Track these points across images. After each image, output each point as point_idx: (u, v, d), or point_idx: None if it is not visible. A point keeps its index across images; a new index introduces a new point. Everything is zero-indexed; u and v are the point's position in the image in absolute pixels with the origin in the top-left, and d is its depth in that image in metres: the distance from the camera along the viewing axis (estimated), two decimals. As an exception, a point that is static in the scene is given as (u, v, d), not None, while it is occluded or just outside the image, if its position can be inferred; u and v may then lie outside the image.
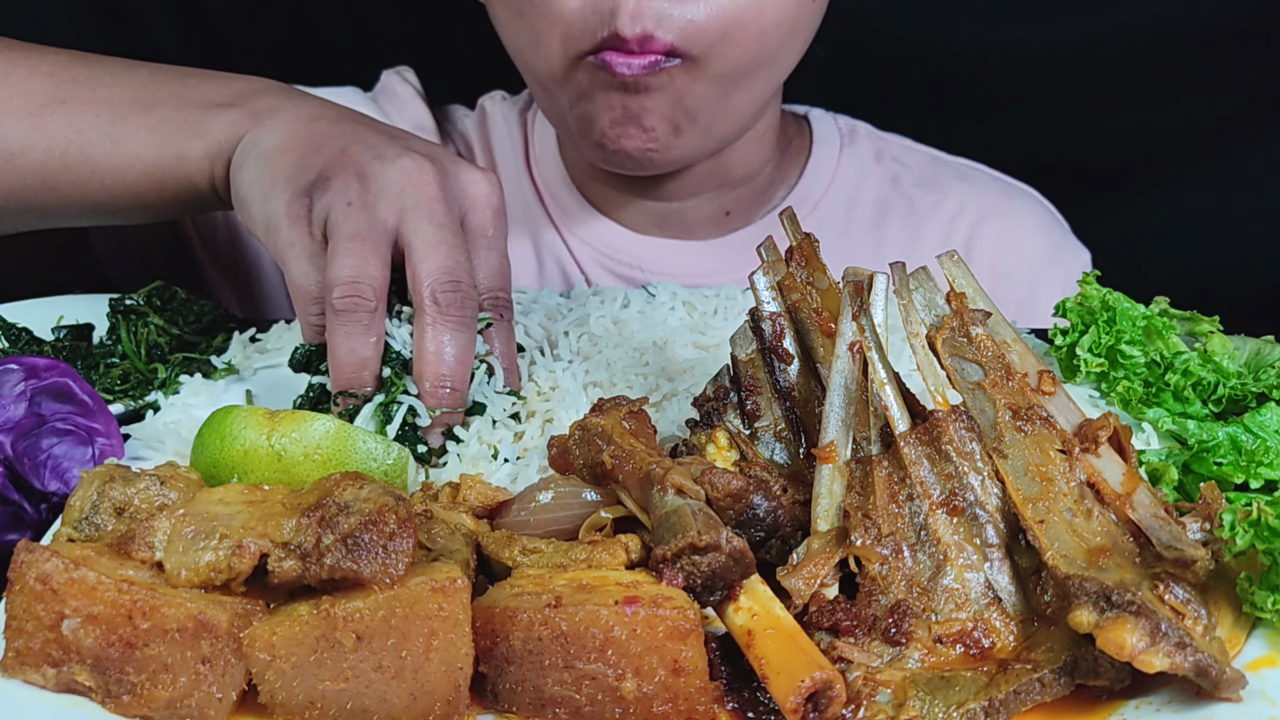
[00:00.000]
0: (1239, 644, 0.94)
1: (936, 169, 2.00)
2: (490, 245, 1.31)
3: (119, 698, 0.90)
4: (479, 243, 1.30)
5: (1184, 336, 1.39)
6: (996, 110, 2.36)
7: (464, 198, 1.29)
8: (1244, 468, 1.16)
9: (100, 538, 1.01)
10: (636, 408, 1.12)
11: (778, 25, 1.56)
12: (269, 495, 1.00)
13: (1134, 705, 0.91)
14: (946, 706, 0.90)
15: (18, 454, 1.18)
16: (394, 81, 1.96)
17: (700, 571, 0.93)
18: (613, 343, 1.40)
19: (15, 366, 1.23)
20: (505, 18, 1.63)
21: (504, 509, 1.11)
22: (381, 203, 1.23)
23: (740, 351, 1.18)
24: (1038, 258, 1.93)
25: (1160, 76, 2.31)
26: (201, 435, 1.16)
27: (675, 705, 0.89)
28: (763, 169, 1.88)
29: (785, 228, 1.19)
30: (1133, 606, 0.88)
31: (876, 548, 0.99)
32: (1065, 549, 0.95)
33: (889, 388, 1.04)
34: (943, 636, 0.95)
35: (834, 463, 1.04)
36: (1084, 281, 1.40)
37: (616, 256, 1.85)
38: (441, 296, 1.21)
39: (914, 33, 2.32)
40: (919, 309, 1.09)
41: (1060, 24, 2.30)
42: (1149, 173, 2.39)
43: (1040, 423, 1.02)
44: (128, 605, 0.89)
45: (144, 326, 1.49)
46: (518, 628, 0.90)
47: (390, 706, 0.89)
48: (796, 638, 0.91)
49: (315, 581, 0.90)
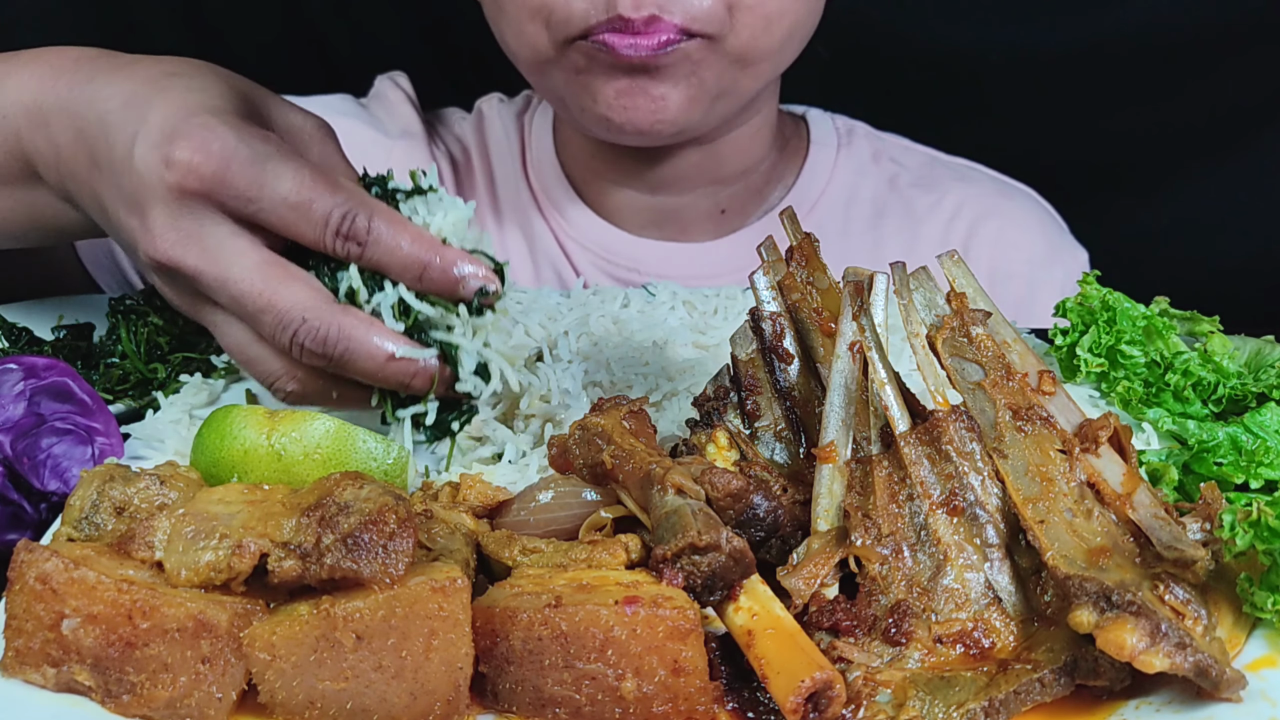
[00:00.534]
0: (1239, 644, 0.94)
1: (934, 169, 2.00)
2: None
3: (119, 697, 0.90)
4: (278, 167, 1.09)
5: (1184, 336, 1.39)
6: (996, 110, 2.36)
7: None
8: (1244, 468, 1.16)
9: (100, 537, 1.01)
10: (636, 408, 1.12)
11: (781, 12, 1.56)
12: (269, 495, 1.00)
13: (1134, 705, 0.91)
14: (946, 706, 0.90)
15: (17, 453, 1.18)
16: (386, 87, 1.96)
17: (700, 571, 0.93)
18: (613, 343, 1.40)
19: (15, 366, 1.23)
20: (490, 7, 1.64)
21: (504, 509, 1.11)
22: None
23: (740, 351, 1.18)
24: (1035, 258, 1.93)
25: (1160, 76, 2.31)
26: (201, 435, 1.16)
27: (675, 705, 0.89)
28: (758, 166, 1.87)
29: (785, 227, 1.20)
30: (1133, 607, 0.88)
31: (876, 548, 0.99)
32: (1065, 549, 0.95)
33: (889, 388, 1.04)
34: (943, 636, 0.95)
35: (834, 463, 1.04)
36: (1084, 281, 1.40)
37: (613, 259, 1.85)
38: (342, 229, 1.06)
39: (914, 33, 2.33)
40: (919, 309, 1.09)
41: (1060, 24, 2.31)
42: (1149, 173, 2.40)
43: (1040, 423, 1.02)
44: (128, 605, 0.89)
45: (144, 326, 1.48)
46: (518, 628, 0.90)
47: (390, 706, 0.89)
48: (796, 638, 0.91)
49: (315, 581, 0.90)
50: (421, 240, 1.07)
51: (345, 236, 1.06)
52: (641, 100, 1.56)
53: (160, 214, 1.07)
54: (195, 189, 1.05)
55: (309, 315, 1.06)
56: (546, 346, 1.40)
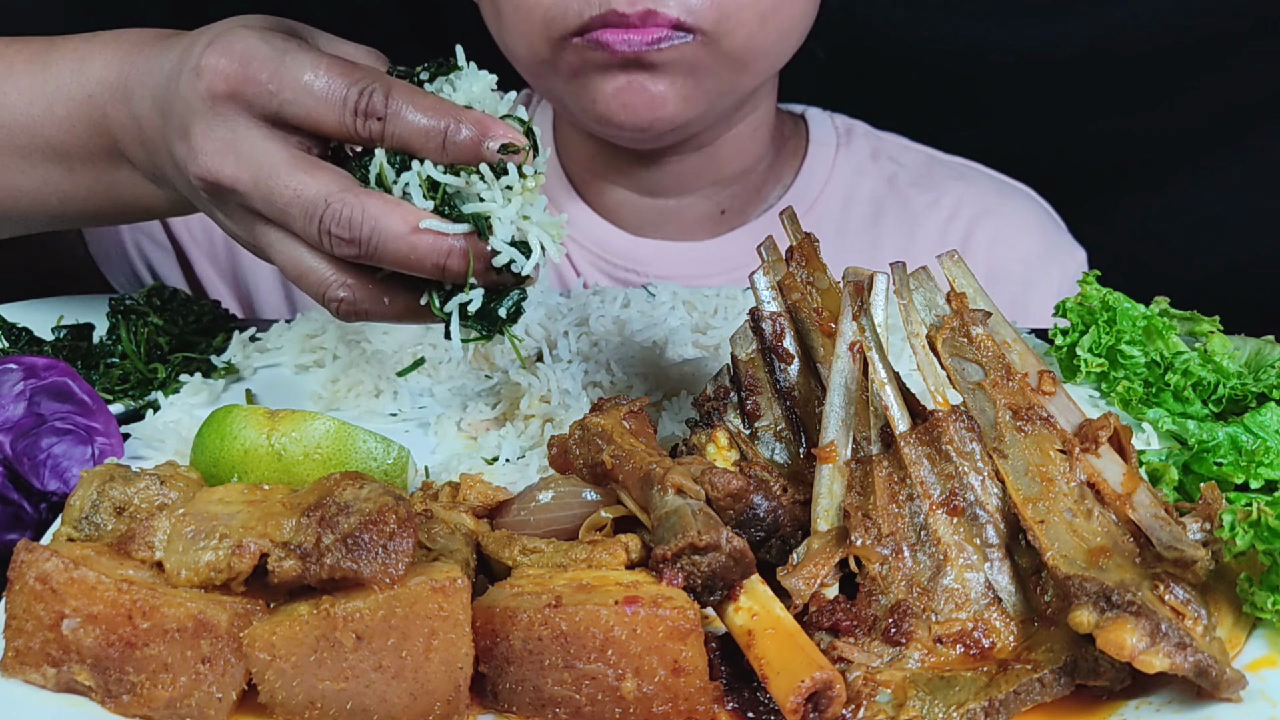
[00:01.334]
0: (1239, 644, 0.94)
1: (933, 168, 2.00)
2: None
3: (119, 697, 0.90)
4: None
5: (1184, 336, 1.39)
6: (996, 110, 2.36)
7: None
8: (1244, 468, 1.16)
9: (100, 537, 1.01)
10: (636, 408, 1.12)
11: (776, 9, 1.56)
12: (269, 495, 1.00)
13: (1134, 705, 0.91)
14: (946, 706, 0.90)
15: (17, 453, 1.18)
16: None
17: (700, 571, 0.93)
18: (613, 343, 1.40)
19: (15, 366, 1.23)
20: (488, 10, 1.63)
21: (504, 509, 1.11)
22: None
23: (740, 351, 1.18)
24: (1033, 257, 1.93)
25: (1160, 76, 2.31)
26: (201, 435, 1.16)
27: (675, 705, 0.89)
28: (757, 166, 1.87)
29: (785, 227, 1.20)
30: (1133, 607, 0.88)
31: (876, 548, 0.99)
32: (1065, 549, 0.95)
33: (889, 388, 1.04)
34: (943, 636, 0.95)
35: (834, 463, 1.04)
36: (1084, 281, 1.40)
37: (613, 258, 1.85)
38: (361, 106, 1.06)
39: (914, 32, 2.33)
40: (919, 309, 1.09)
41: (1060, 24, 2.30)
42: (1149, 173, 2.40)
43: (1040, 423, 1.02)
44: (128, 605, 0.89)
45: (144, 326, 1.48)
46: (518, 628, 0.90)
47: (390, 706, 0.89)
48: (796, 638, 0.91)
49: (315, 581, 0.90)
50: (441, 107, 1.05)
51: (365, 114, 1.05)
52: (640, 98, 1.56)
53: (199, 129, 1.09)
54: (223, 91, 1.07)
55: (332, 199, 1.05)
56: (546, 346, 1.40)
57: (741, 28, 1.54)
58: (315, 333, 1.47)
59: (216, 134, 1.09)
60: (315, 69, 1.06)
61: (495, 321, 1.10)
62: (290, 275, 1.12)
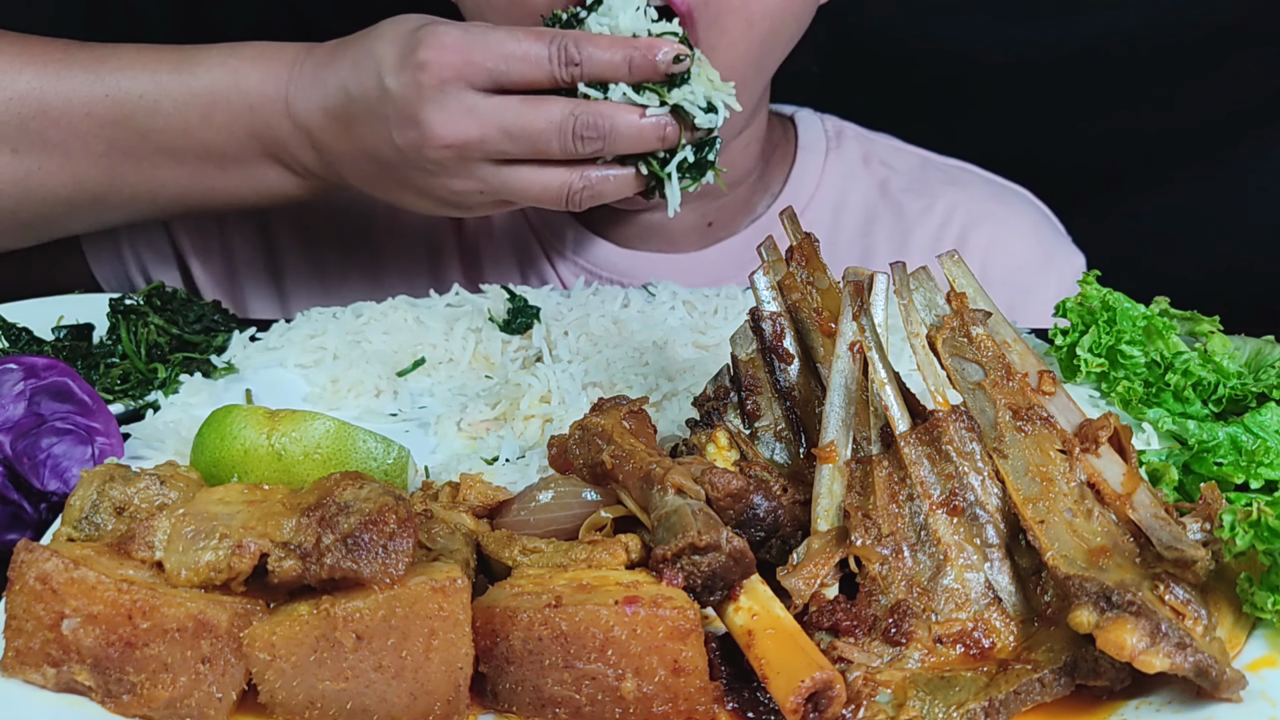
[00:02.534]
0: (1239, 644, 0.94)
1: (926, 172, 1.96)
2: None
3: (119, 697, 0.90)
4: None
5: (1184, 336, 1.39)
6: (995, 110, 2.35)
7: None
8: (1244, 468, 1.16)
9: (100, 537, 1.01)
10: (636, 408, 1.12)
11: (764, 15, 1.55)
12: (269, 495, 1.00)
13: (1134, 705, 0.91)
14: (946, 706, 0.90)
15: (17, 453, 1.18)
16: None
17: (700, 571, 0.93)
18: (613, 343, 1.40)
19: (15, 366, 1.23)
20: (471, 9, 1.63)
21: (504, 509, 1.11)
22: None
23: (740, 351, 1.18)
24: (1029, 263, 1.89)
25: (1160, 76, 2.31)
26: (201, 435, 1.16)
27: (675, 705, 0.89)
28: (745, 179, 1.85)
29: (785, 227, 1.20)
30: (1133, 607, 0.88)
31: (876, 548, 0.99)
32: (1065, 549, 0.95)
33: (889, 388, 1.04)
34: (943, 636, 0.95)
35: (834, 463, 1.04)
36: (1084, 281, 1.40)
37: (601, 272, 1.83)
38: (561, 59, 1.36)
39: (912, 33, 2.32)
40: (919, 309, 1.09)
41: (1059, 24, 2.30)
42: (1148, 173, 2.39)
43: (1040, 423, 1.02)
44: (128, 605, 0.89)
45: (144, 326, 1.48)
46: (518, 628, 0.90)
47: (390, 706, 0.89)
48: (796, 638, 0.91)
49: (315, 581, 0.90)
50: (618, 43, 1.37)
51: (566, 63, 1.36)
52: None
53: (431, 110, 1.36)
54: (450, 76, 1.35)
55: (576, 111, 1.36)
56: (546, 346, 1.40)
57: (725, 35, 1.53)
58: (315, 333, 1.47)
59: (450, 107, 1.35)
60: (515, 41, 1.36)
61: (703, 167, 1.44)
62: (531, 195, 1.41)
